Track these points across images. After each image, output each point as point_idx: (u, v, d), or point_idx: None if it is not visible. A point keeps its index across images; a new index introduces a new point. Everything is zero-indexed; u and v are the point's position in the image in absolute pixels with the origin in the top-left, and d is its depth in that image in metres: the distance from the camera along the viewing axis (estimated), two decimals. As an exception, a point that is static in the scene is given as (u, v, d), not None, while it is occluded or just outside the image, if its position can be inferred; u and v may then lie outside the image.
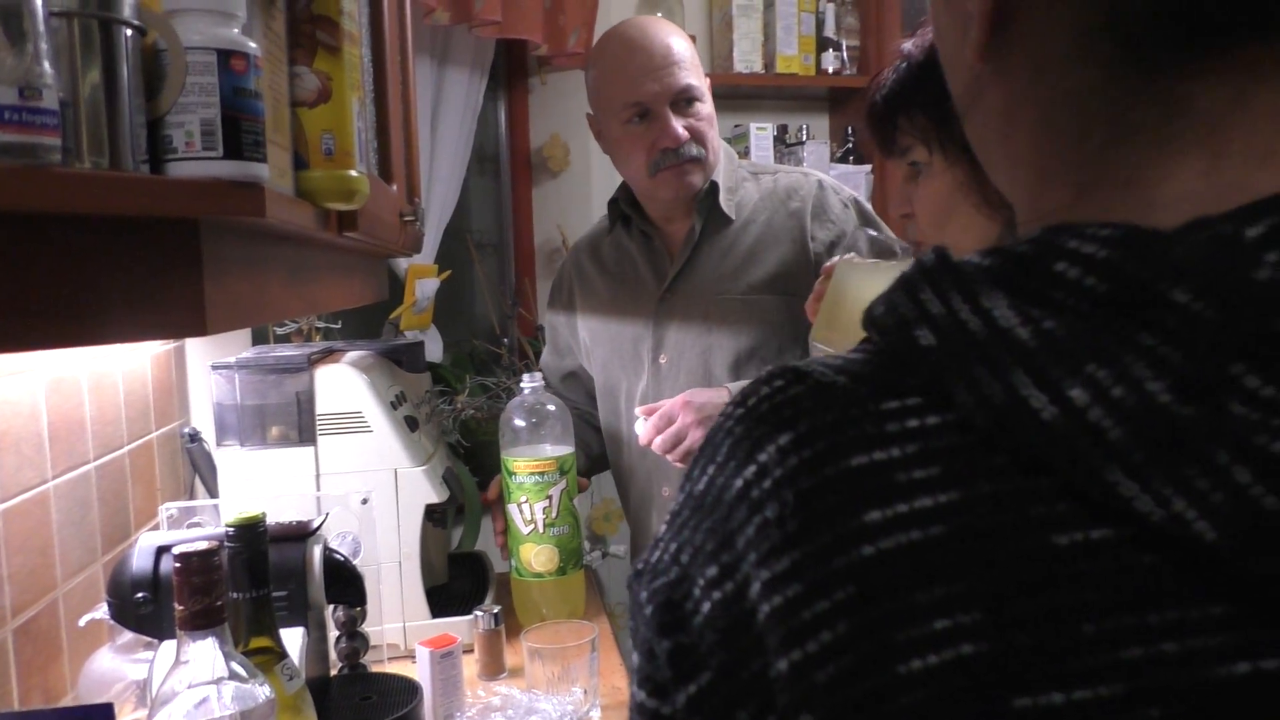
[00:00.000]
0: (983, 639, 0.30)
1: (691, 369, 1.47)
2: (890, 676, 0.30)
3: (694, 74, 1.45)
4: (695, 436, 1.34)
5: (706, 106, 1.46)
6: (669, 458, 1.38)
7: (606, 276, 1.59)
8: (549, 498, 1.42)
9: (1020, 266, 0.33)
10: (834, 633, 0.32)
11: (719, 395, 1.37)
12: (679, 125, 1.42)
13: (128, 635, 1.08)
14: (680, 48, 1.45)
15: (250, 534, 0.85)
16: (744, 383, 1.34)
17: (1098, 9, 0.36)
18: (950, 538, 0.31)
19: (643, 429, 1.39)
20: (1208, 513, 0.29)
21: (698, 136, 1.44)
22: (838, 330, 1.12)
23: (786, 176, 1.53)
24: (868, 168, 2.78)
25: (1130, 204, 0.36)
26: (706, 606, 0.35)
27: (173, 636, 0.75)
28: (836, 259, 1.21)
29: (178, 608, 0.72)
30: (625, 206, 1.56)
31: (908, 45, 0.98)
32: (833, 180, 1.52)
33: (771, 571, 0.33)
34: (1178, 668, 0.29)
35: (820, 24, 2.77)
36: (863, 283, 1.15)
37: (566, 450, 1.44)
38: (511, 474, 1.43)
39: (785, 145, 2.76)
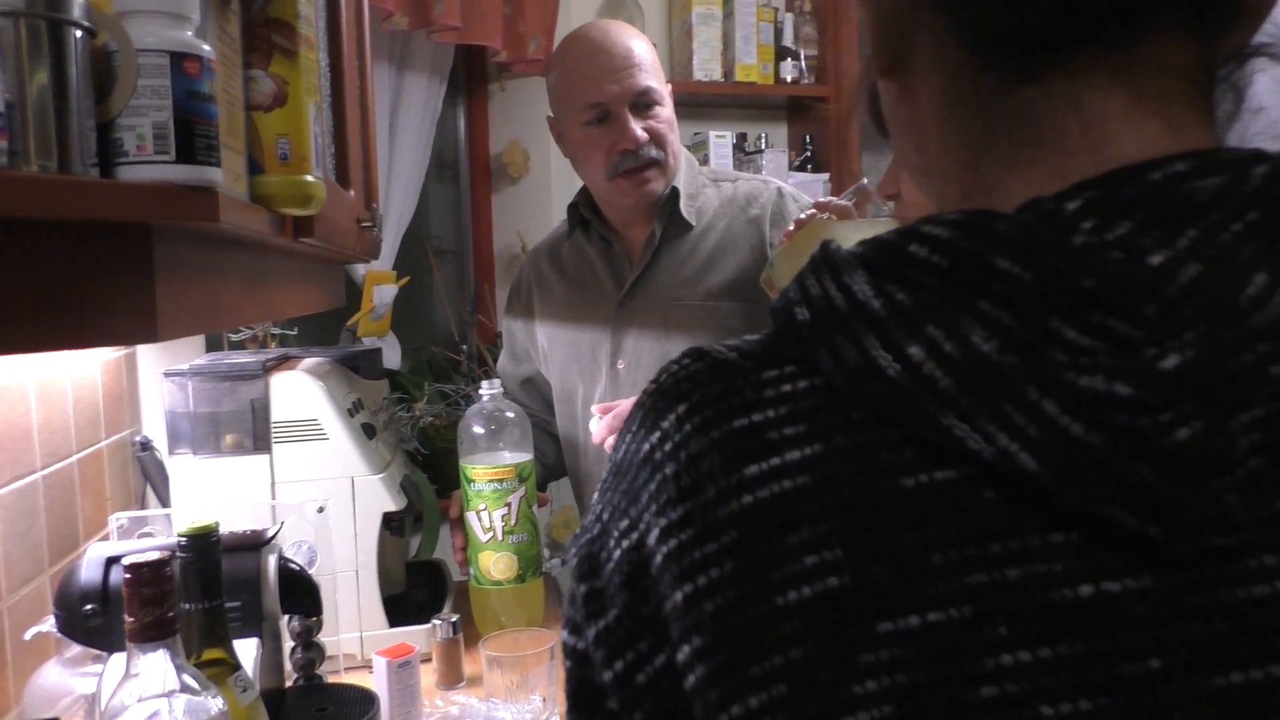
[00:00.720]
0: (846, 572, 0.34)
1: (650, 375, 1.46)
2: (769, 607, 0.35)
3: (654, 77, 1.45)
4: None
5: (667, 110, 1.47)
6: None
7: (565, 281, 1.59)
8: (508, 505, 1.42)
9: (883, 251, 0.38)
10: (721, 570, 0.36)
11: None
12: (638, 127, 1.42)
13: (76, 648, 1.06)
14: (641, 51, 1.45)
15: (203, 544, 0.83)
16: None
17: (957, 26, 0.40)
18: (814, 486, 0.36)
19: (597, 428, 1.38)
20: (1027, 445, 0.32)
21: (657, 139, 1.44)
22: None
23: (747, 184, 1.53)
24: (825, 176, 2.80)
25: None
26: (616, 554, 0.40)
27: (122, 649, 0.74)
28: (812, 212, 1.19)
29: (128, 619, 0.71)
30: (585, 211, 1.56)
31: None
32: (792, 189, 1.53)
33: (667, 520, 0.38)
34: (1022, 592, 0.33)
35: (779, 34, 2.79)
36: (844, 237, 1.15)
37: (525, 457, 1.43)
38: (470, 481, 1.42)
39: (744, 153, 2.77)
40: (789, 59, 2.79)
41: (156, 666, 0.71)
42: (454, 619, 1.33)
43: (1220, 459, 0.31)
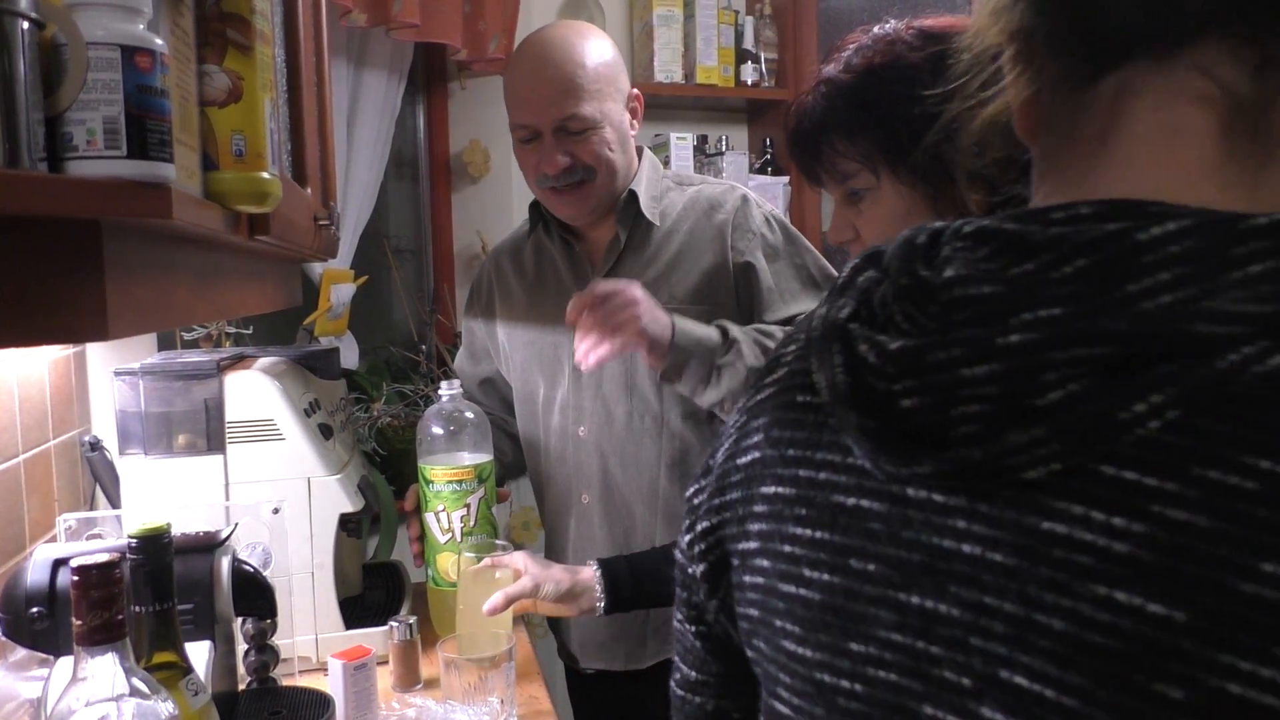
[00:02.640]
0: (763, 448, 0.53)
1: (613, 376, 1.46)
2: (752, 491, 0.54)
3: (589, 99, 1.41)
4: (635, 327, 1.27)
5: (603, 131, 1.43)
6: (593, 350, 1.28)
7: (526, 281, 1.58)
8: (467, 506, 1.41)
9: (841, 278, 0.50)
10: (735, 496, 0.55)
11: (663, 310, 1.33)
12: (560, 153, 1.41)
13: (21, 652, 1.04)
14: (578, 69, 1.41)
15: (154, 545, 0.82)
16: (688, 321, 1.33)
17: (1044, 41, 0.46)
18: (766, 454, 0.53)
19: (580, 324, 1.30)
20: (825, 384, 0.46)
21: (586, 161, 1.42)
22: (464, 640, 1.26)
23: (711, 188, 1.53)
24: (785, 179, 2.82)
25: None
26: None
27: (69, 653, 0.73)
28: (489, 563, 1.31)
29: (75, 623, 0.69)
30: (546, 212, 1.55)
31: (829, 70, 0.97)
32: (756, 195, 1.53)
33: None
34: (819, 489, 0.48)
35: (740, 36, 2.81)
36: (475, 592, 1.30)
37: (485, 458, 1.43)
38: (429, 482, 1.41)
39: (705, 155, 2.78)
40: (749, 62, 2.80)
41: (105, 670, 0.70)
42: (411, 620, 1.32)
43: (928, 429, 0.41)
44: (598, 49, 1.45)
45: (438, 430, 1.43)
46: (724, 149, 2.82)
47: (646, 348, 1.30)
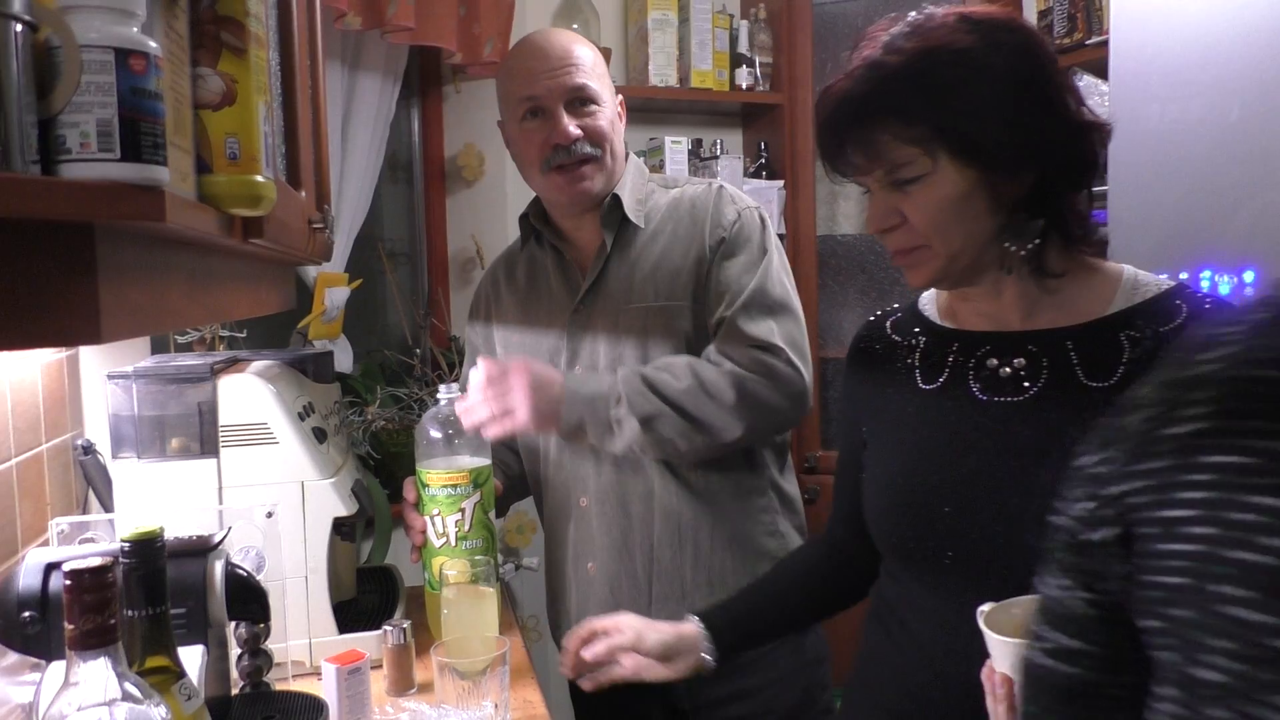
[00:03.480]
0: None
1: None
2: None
3: (593, 78, 1.45)
4: (522, 411, 1.34)
5: (608, 111, 1.47)
6: (485, 427, 1.37)
7: (519, 292, 1.59)
8: (461, 510, 1.41)
9: None
10: None
11: (554, 379, 1.38)
12: (572, 124, 1.43)
13: (13, 657, 1.03)
14: (581, 53, 1.46)
15: (147, 549, 0.81)
16: (612, 374, 1.38)
17: None
18: (1216, 425, 0.56)
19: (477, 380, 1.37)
20: None
21: (594, 136, 1.44)
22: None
23: (692, 188, 1.54)
24: (780, 183, 2.83)
25: None
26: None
27: (61, 657, 0.72)
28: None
29: (68, 627, 0.69)
30: (535, 221, 1.57)
31: (871, 54, 0.96)
32: (735, 190, 1.53)
33: None
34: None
35: (734, 40, 2.81)
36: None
37: (482, 463, 1.43)
38: (425, 486, 1.41)
39: (700, 159, 2.79)
40: (744, 66, 2.81)
41: (97, 675, 0.69)
42: (405, 625, 1.32)
43: None
44: (596, 51, 1.50)
45: (435, 434, 1.43)
46: (719, 153, 2.83)
47: (535, 427, 1.37)
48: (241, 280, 1.04)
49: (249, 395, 1.32)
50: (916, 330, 1.11)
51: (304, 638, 1.35)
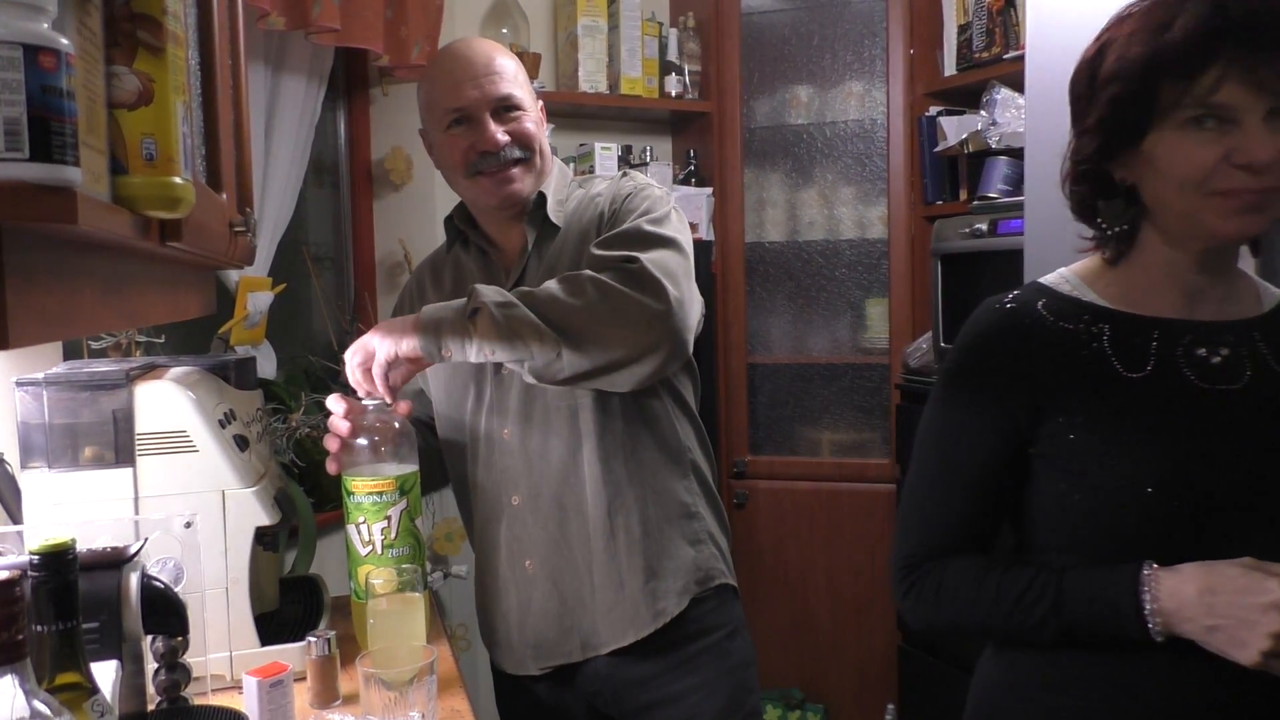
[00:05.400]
0: None
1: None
2: None
3: (516, 85, 1.47)
4: (377, 344, 1.35)
5: (531, 114, 1.48)
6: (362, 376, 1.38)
7: (444, 295, 1.57)
8: (388, 518, 1.39)
9: None
10: None
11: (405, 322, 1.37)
12: (499, 131, 1.44)
13: (-87, 676, 0.99)
14: (503, 63, 1.47)
15: (57, 562, 0.79)
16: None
17: None
18: None
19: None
20: None
21: (522, 139, 1.46)
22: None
23: (603, 181, 1.55)
24: (708, 190, 2.85)
25: None
26: None
27: (-34, 675, 0.69)
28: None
29: (-28, 644, 0.67)
30: (460, 223, 1.57)
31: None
32: (643, 178, 1.52)
33: None
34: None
35: (664, 48, 2.83)
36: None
37: (408, 469, 1.41)
38: (350, 494, 1.39)
39: (629, 165, 2.80)
40: (673, 73, 2.83)
41: (4, 693, 0.67)
42: (330, 635, 1.30)
43: None
44: (516, 59, 1.52)
45: (360, 441, 1.40)
46: (648, 159, 2.84)
47: (408, 364, 1.36)
48: (159, 284, 1.01)
49: (167, 402, 1.29)
50: (1086, 316, 1.05)
51: (225, 650, 1.32)
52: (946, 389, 1.10)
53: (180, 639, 1.12)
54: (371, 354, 1.35)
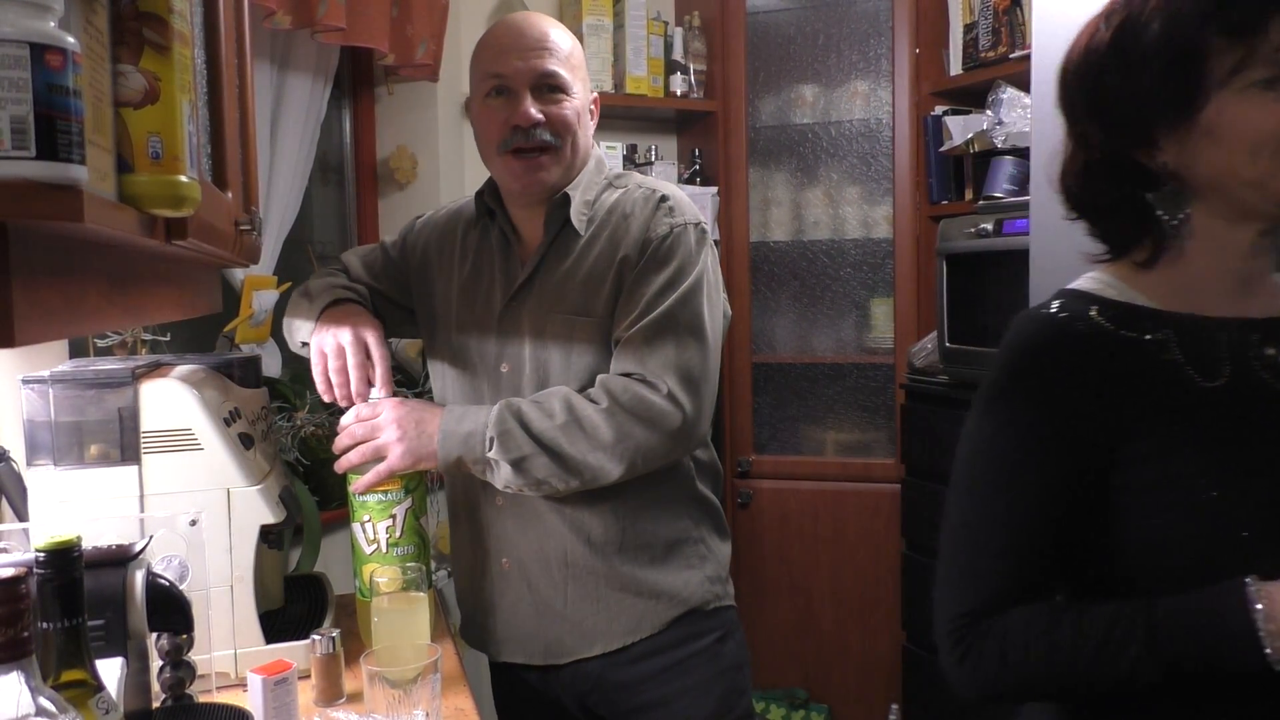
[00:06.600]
0: None
1: (530, 382, 1.43)
2: None
3: (566, 66, 1.41)
4: (395, 454, 1.37)
5: (576, 102, 1.42)
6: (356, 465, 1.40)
7: (467, 262, 1.53)
8: (393, 517, 1.39)
9: None
10: None
11: (430, 416, 1.38)
12: (534, 107, 1.38)
13: (-80, 673, 0.99)
14: (558, 38, 1.42)
15: (62, 559, 0.79)
16: (490, 406, 1.35)
17: None
18: None
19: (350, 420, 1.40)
20: None
21: (557, 125, 1.40)
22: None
23: (638, 191, 1.47)
24: (714, 189, 2.85)
25: None
26: None
27: (-29, 672, 0.70)
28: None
29: (-22, 641, 0.67)
30: (490, 200, 1.50)
31: None
32: (680, 200, 1.46)
33: None
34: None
35: (669, 47, 2.83)
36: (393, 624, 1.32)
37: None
38: (355, 492, 1.39)
39: (635, 165, 2.80)
40: (678, 72, 2.83)
41: (9, 689, 0.67)
42: (334, 634, 1.30)
43: None
44: (575, 40, 1.47)
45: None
46: (653, 158, 2.84)
47: (410, 465, 1.38)
48: (165, 283, 1.02)
49: (172, 400, 1.29)
50: (1147, 323, 0.94)
51: (229, 648, 1.32)
52: (1000, 414, 0.95)
53: (185, 636, 1.12)
54: (384, 455, 1.37)
